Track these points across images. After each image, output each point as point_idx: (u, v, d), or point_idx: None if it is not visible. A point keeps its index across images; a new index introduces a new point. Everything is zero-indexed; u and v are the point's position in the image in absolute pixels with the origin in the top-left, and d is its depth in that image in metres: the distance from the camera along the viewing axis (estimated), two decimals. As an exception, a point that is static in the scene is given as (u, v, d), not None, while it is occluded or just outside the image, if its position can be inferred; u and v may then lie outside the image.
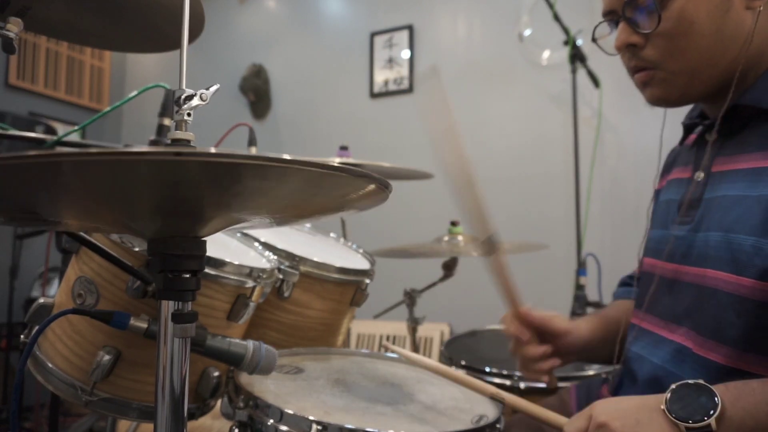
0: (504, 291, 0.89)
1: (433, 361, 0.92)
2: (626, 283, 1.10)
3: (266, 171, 0.43)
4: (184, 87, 0.56)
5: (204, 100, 0.56)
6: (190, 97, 0.55)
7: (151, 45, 1.00)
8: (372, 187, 0.50)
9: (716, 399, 0.61)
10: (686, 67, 0.75)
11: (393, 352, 0.95)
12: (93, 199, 0.47)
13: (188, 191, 0.47)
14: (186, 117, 0.55)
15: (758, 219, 0.67)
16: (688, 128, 0.88)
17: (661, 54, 0.75)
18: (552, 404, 0.98)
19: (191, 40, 0.60)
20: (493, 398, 0.83)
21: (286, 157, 0.41)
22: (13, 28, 0.70)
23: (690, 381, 0.64)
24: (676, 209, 0.82)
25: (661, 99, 0.80)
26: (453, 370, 0.90)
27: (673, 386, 0.64)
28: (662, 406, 0.63)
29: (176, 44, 0.97)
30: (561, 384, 1.22)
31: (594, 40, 0.84)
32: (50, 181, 0.41)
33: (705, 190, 0.77)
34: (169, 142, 0.55)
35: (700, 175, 0.79)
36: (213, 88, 0.56)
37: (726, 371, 0.69)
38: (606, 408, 0.68)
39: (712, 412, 0.60)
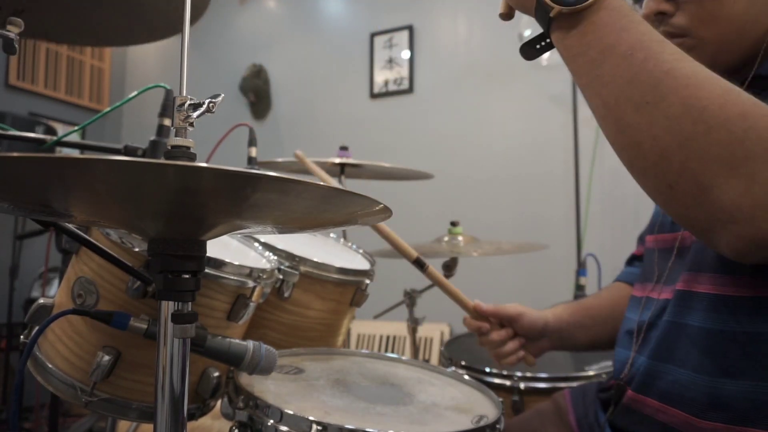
0: (451, 296, 1.02)
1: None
2: (631, 261, 1.08)
3: (285, 186, 0.44)
4: (184, 92, 0.55)
5: (211, 110, 0.54)
6: (195, 106, 0.54)
7: (147, 34, 1.00)
8: (380, 207, 0.53)
9: None
10: (717, 34, 0.72)
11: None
12: (112, 199, 0.48)
13: (205, 200, 0.48)
14: (189, 127, 0.55)
15: None
16: None
17: (691, 20, 0.72)
18: (547, 408, 0.97)
19: (191, 23, 0.59)
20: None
21: (304, 178, 0.42)
22: (14, 29, 0.70)
23: None
24: None
25: None
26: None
27: None
28: None
29: (173, 30, 0.99)
30: (558, 385, 1.23)
31: None
32: (77, 181, 0.43)
33: None
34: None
35: None
36: (219, 99, 0.55)
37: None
38: None
39: None
